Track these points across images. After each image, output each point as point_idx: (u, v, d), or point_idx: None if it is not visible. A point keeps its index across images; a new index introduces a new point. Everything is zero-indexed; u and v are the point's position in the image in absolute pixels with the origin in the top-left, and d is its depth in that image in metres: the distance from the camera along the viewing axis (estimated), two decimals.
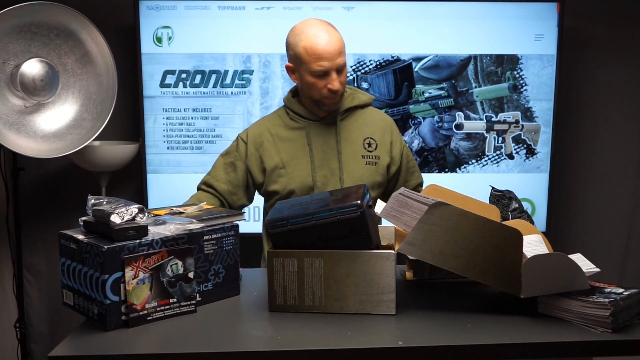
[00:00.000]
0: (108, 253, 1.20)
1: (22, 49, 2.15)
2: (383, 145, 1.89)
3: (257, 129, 1.90)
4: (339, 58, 1.74)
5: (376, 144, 1.87)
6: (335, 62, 1.73)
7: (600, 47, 2.81)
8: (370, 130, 1.88)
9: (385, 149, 1.89)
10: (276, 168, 1.84)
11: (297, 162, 1.83)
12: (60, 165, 2.73)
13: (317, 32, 1.73)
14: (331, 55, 1.72)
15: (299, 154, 1.84)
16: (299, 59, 1.75)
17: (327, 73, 1.74)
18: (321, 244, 1.29)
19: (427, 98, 2.66)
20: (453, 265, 1.26)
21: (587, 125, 2.87)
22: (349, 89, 1.92)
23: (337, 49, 1.73)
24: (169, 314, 1.29)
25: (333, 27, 1.78)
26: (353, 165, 1.83)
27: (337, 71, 1.75)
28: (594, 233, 2.90)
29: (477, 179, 2.69)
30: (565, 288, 1.25)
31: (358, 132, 1.88)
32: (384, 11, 2.61)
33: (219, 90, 2.63)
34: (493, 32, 2.64)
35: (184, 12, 2.58)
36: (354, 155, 1.85)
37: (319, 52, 1.72)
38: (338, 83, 1.75)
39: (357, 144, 1.86)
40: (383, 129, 1.91)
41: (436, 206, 1.25)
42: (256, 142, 1.87)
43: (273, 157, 1.84)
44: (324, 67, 1.73)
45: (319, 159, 1.83)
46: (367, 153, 1.86)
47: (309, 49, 1.72)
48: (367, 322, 1.26)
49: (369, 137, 1.88)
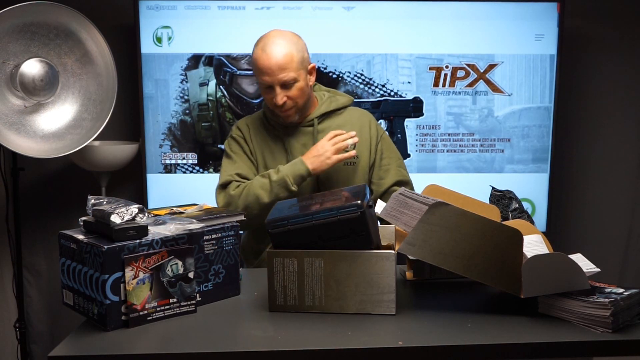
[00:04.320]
0: (108, 253, 1.20)
1: (22, 49, 2.14)
2: (363, 143, 1.89)
3: (246, 126, 1.93)
4: (281, 74, 1.73)
5: (354, 144, 1.87)
6: (276, 77, 1.73)
7: (600, 47, 2.81)
8: (347, 130, 1.88)
9: (366, 147, 1.89)
10: (260, 169, 1.87)
11: (276, 165, 1.83)
12: (60, 165, 2.73)
13: (266, 46, 1.74)
14: (271, 70, 1.73)
15: (278, 157, 1.86)
16: (253, 70, 1.81)
17: (271, 87, 1.76)
18: (321, 244, 1.29)
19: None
20: (453, 265, 1.26)
21: (587, 125, 2.87)
22: (328, 92, 1.93)
23: (279, 65, 1.72)
24: (169, 314, 1.29)
25: (290, 41, 1.76)
26: (330, 168, 1.82)
27: (281, 86, 1.75)
28: (594, 233, 2.90)
29: (477, 179, 2.69)
30: (565, 288, 1.25)
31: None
32: (384, 11, 2.61)
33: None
34: (493, 32, 2.64)
35: (184, 12, 2.58)
36: None
37: (259, 66, 1.75)
38: (281, 98, 1.75)
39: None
40: (361, 127, 1.91)
41: (436, 206, 1.25)
42: (248, 136, 1.90)
43: (258, 156, 1.88)
44: (265, 82, 1.75)
45: None
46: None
47: (254, 62, 1.77)
48: (367, 322, 1.26)
49: None
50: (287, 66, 1.73)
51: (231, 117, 2.64)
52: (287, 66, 1.73)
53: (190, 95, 2.63)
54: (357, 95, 2.65)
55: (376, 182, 1.91)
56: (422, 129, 2.69)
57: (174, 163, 2.66)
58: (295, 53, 1.75)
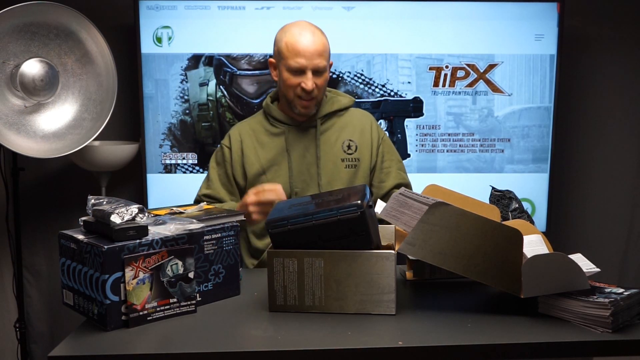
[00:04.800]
0: (108, 253, 1.20)
1: (22, 49, 2.14)
2: (364, 145, 1.89)
3: (238, 135, 1.91)
4: (317, 59, 1.75)
5: (356, 146, 1.88)
6: (312, 62, 1.75)
7: (600, 47, 2.81)
8: (349, 132, 1.88)
9: (367, 149, 1.89)
10: (257, 175, 1.86)
11: (277, 168, 1.84)
12: (60, 165, 2.73)
13: (302, 32, 1.77)
14: (310, 54, 1.75)
15: (278, 160, 1.85)
16: (280, 53, 1.79)
17: (302, 71, 1.76)
18: (321, 244, 1.29)
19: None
20: (453, 265, 1.26)
21: (587, 125, 2.87)
22: (330, 93, 1.93)
23: (317, 50, 1.76)
24: (169, 314, 1.29)
25: (322, 32, 1.81)
26: (332, 170, 1.83)
27: (313, 72, 1.76)
28: (594, 233, 2.90)
29: (477, 179, 2.69)
30: (565, 288, 1.25)
31: (338, 135, 1.88)
32: (384, 11, 2.61)
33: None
34: (493, 32, 2.64)
35: (184, 12, 2.58)
36: (333, 160, 1.85)
37: (297, 49, 1.75)
38: (312, 83, 1.76)
39: (337, 147, 1.87)
40: (362, 129, 1.91)
41: (436, 206, 1.25)
42: (238, 148, 1.89)
43: (254, 164, 1.86)
44: (299, 64, 1.75)
45: (298, 164, 1.84)
46: (346, 156, 1.87)
47: (290, 45, 1.76)
48: (367, 322, 1.26)
49: (349, 139, 1.89)
50: (323, 54, 1.77)
51: (231, 117, 2.64)
52: (323, 54, 1.77)
53: (190, 95, 2.63)
54: (357, 95, 2.65)
55: (377, 184, 1.91)
56: (422, 129, 2.69)
57: (174, 163, 2.66)
58: (328, 44, 1.80)
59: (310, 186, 1.84)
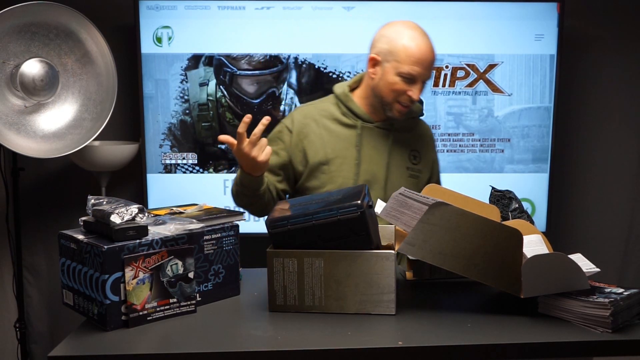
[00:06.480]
0: (108, 253, 1.20)
1: (22, 49, 2.15)
2: (426, 159, 1.88)
3: (304, 118, 1.80)
4: (430, 71, 1.72)
5: (420, 158, 1.85)
6: (427, 73, 1.70)
7: (601, 47, 2.81)
8: (418, 143, 1.86)
9: (427, 165, 1.88)
10: (320, 164, 1.77)
11: (342, 161, 1.77)
12: (60, 165, 2.73)
13: (421, 38, 1.70)
14: (427, 64, 1.69)
15: (345, 154, 1.77)
16: (393, 54, 1.69)
17: (414, 80, 1.69)
18: (321, 244, 1.29)
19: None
20: (453, 265, 1.26)
21: (587, 125, 2.87)
22: None
23: (432, 62, 1.71)
24: (169, 314, 1.29)
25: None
26: (398, 177, 1.79)
27: (422, 82, 1.72)
28: (594, 233, 2.90)
29: (477, 179, 2.69)
30: (565, 288, 1.25)
31: (408, 143, 1.84)
32: (384, 11, 2.61)
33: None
34: (493, 32, 2.64)
35: (184, 12, 2.58)
36: (400, 166, 1.81)
37: (417, 56, 1.67)
38: (419, 94, 1.72)
39: (405, 155, 1.83)
40: (427, 144, 1.90)
41: (436, 206, 1.25)
42: (302, 132, 1.78)
43: (318, 152, 1.77)
44: (415, 72, 1.68)
45: (366, 163, 1.78)
46: (412, 165, 1.83)
47: (409, 49, 1.67)
48: (367, 322, 1.26)
49: (416, 149, 1.86)
50: (433, 65, 1.73)
51: (231, 117, 2.64)
52: (433, 65, 1.73)
53: (190, 95, 2.63)
54: None
55: None
56: None
57: (174, 163, 2.66)
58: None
59: (373, 188, 1.76)
